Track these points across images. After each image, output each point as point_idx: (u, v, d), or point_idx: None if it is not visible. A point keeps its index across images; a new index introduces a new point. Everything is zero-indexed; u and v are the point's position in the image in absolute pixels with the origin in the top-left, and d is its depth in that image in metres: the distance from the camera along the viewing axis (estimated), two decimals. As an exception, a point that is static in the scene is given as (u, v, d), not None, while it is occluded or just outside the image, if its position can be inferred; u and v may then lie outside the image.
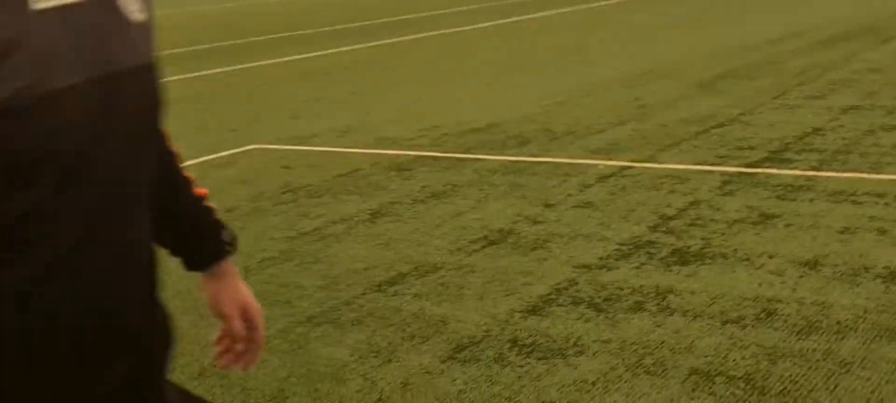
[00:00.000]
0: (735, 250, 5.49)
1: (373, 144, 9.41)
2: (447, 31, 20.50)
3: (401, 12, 26.15)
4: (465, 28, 20.81)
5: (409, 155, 8.77)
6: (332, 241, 6.22)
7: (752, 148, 8.10)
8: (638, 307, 4.73)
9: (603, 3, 25.54)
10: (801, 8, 20.46)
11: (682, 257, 5.43)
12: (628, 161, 7.94)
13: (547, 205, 6.73)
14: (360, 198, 7.28)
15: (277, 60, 17.18)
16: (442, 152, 8.78)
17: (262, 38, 21.74)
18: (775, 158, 7.70)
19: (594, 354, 4.22)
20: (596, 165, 7.87)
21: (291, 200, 7.38)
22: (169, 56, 19.22)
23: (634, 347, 4.26)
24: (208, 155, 9.33)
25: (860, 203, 6.28)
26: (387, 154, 8.89)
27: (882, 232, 5.64)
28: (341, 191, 7.56)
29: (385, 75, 14.65)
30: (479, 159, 8.39)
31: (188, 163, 7.09)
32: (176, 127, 8.49)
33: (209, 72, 16.10)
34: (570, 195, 6.97)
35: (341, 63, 16.34)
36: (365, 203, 7.13)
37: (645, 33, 18.03)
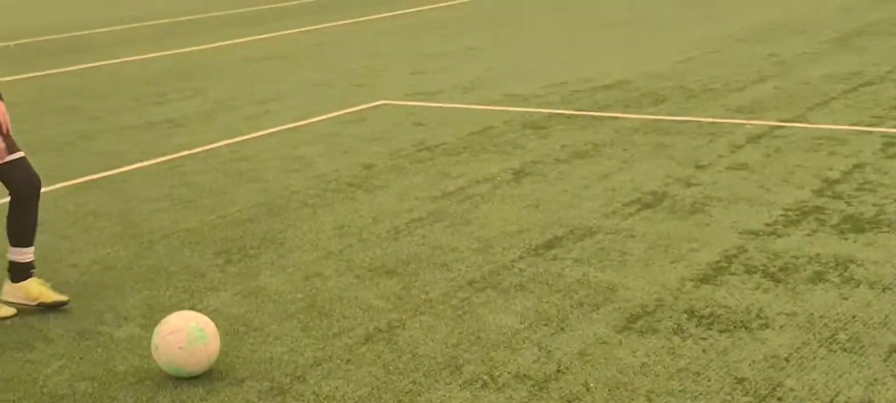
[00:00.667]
0: (919, 217, 5.16)
1: (500, 101, 9.21)
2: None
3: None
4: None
5: (542, 112, 8.55)
6: (478, 202, 6.05)
7: (908, 108, 7.68)
8: (818, 277, 4.47)
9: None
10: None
11: (855, 224, 5.13)
12: (776, 120, 7.61)
13: (698, 167, 6.46)
14: (499, 157, 7.10)
15: (389, 14, 17.04)
16: (576, 110, 8.54)
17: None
18: (937, 119, 7.29)
19: (781, 327, 3.98)
20: (742, 125, 7.55)
21: (429, 158, 7.23)
22: (281, 9, 19.26)
23: (824, 321, 4.01)
24: (337, 110, 9.25)
25: None
26: (517, 111, 8.69)
27: None
28: (479, 149, 7.39)
29: (500, 29, 14.40)
30: (616, 118, 8.13)
31: (319, 119, 7.06)
32: (299, 80, 8.51)
33: (324, 25, 16.03)
34: (720, 156, 6.68)
35: (453, 16, 16.13)
36: (506, 162, 6.95)
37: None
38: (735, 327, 4.01)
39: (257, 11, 19.06)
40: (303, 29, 15.71)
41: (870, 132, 7.05)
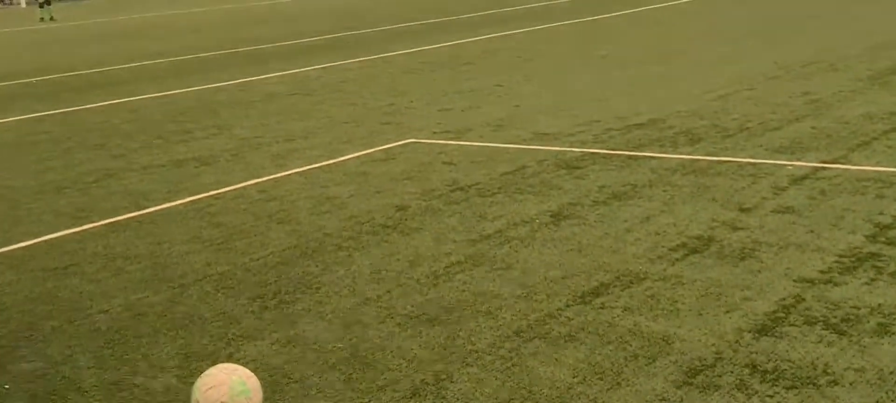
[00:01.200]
0: (975, 266, 4.97)
1: (532, 139, 9.06)
2: (583, 19, 20.01)
3: (528, 2, 25.74)
4: (601, 16, 20.29)
5: (575, 151, 8.39)
6: (517, 245, 5.88)
7: (955, 149, 7.49)
8: (884, 330, 4.27)
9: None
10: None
11: (915, 273, 4.94)
12: (818, 161, 7.42)
13: (742, 210, 6.28)
14: (536, 198, 6.93)
15: (412, 50, 16.95)
16: (610, 149, 8.38)
17: (390, 27, 21.56)
18: (985, 161, 7.09)
19: (851, 384, 3.79)
20: (784, 166, 7.37)
21: (463, 199, 7.07)
22: (304, 46, 19.21)
23: (895, 377, 3.82)
24: (366, 148, 9.11)
25: None
26: (550, 150, 8.53)
27: None
28: (513, 190, 7.23)
29: (527, 67, 14.27)
30: (653, 157, 7.97)
31: (347, 157, 6.88)
32: (325, 118, 8.34)
33: (347, 61, 15.95)
34: (765, 199, 6.50)
35: (478, 53, 16.02)
36: (543, 203, 6.78)
37: (792, 22, 17.26)
38: (802, 383, 3.82)
39: (280, 48, 19.02)
40: (326, 65, 15.62)
41: (917, 174, 6.86)
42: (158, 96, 13.74)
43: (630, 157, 8.03)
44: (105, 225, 7.16)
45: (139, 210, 7.51)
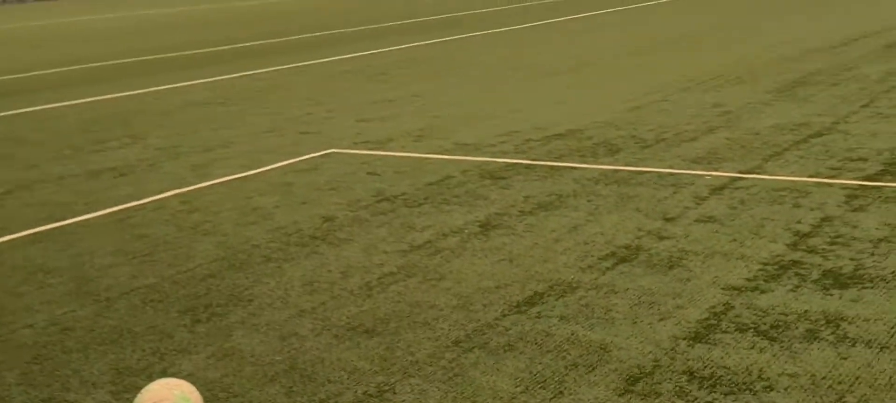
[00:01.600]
0: (893, 272, 5.16)
1: (454, 150, 9.11)
2: (498, 30, 20.18)
3: (447, 11, 25.85)
4: (516, 27, 20.48)
5: (498, 162, 8.46)
6: (449, 256, 5.91)
7: (863, 159, 7.75)
8: (812, 335, 4.41)
9: (651, 2, 25.17)
10: (852, 12, 20.11)
11: (837, 279, 5.11)
12: (735, 172, 7.62)
13: (667, 219, 6.41)
14: (462, 209, 6.97)
15: (329, 59, 16.87)
16: (532, 159, 8.47)
17: (307, 35, 21.43)
18: (893, 171, 7.36)
19: (786, 389, 3.90)
20: (702, 176, 7.55)
21: (390, 209, 7.08)
22: (218, 53, 18.97)
23: (827, 382, 3.94)
24: (288, 158, 9.05)
25: None
26: (473, 160, 8.59)
27: None
28: (440, 200, 7.26)
29: (443, 78, 14.33)
30: (574, 168, 8.08)
31: (269, 167, 6.85)
32: (244, 127, 8.29)
33: (263, 70, 15.80)
34: (687, 208, 6.65)
35: (397, 62, 16.03)
36: (470, 214, 6.83)
37: (700, 35, 17.67)
38: (739, 389, 3.92)
39: (195, 55, 18.75)
40: (242, 74, 15.46)
41: (830, 184, 7.09)
42: (68, 105, 13.43)
43: (552, 168, 8.13)
44: (23, 237, 6.98)
45: (57, 221, 7.34)
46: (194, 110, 12.35)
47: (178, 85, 14.69)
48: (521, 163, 8.35)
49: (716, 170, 7.76)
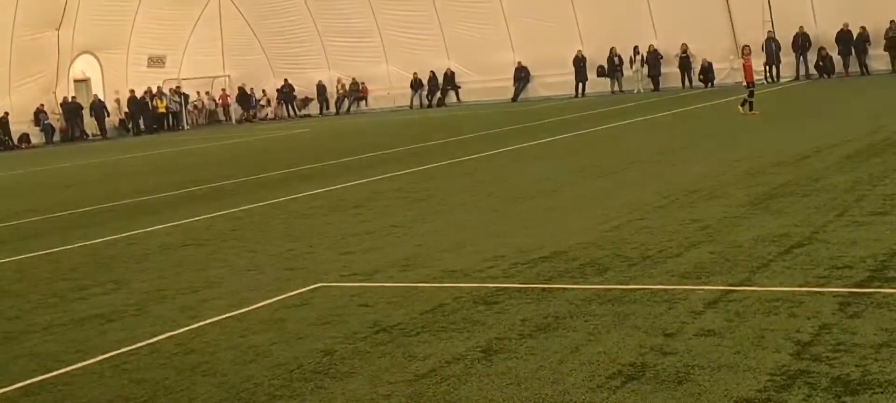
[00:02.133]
0: (900, 376, 5.23)
1: (443, 278, 9.16)
2: (463, 158, 20.43)
3: (410, 142, 26.17)
4: (480, 155, 20.74)
5: (489, 286, 8.52)
6: (455, 383, 5.91)
7: (849, 267, 7.91)
8: (833, 442, 4.44)
9: (611, 125, 25.66)
10: (806, 128, 20.65)
11: (847, 387, 5.17)
12: (725, 285, 7.72)
13: (667, 335, 6.47)
14: (461, 335, 6.99)
15: (301, 195, 16.96)
16: (523, 283, 8.53)
17: (272, 173, 21.56)
18: (880, 277, 7.51)
19: None
20: (694, 290, 7.64)
21: (389, 340, 7.08)
22: (188, 195, 19.01)
23: (857, 488, 3.97)
24: (276, 295, 9.04)
25: None
26: (464, 286, 8.64)
27: None
28: (437, 328, 7.28)
29: (417, 206, 14.44)
30: (566, 289, 8.14)
31: (259, 305, 6.86)
32: (226, 266, 8.32)
33: (237, 209, 15.83)
34: (685, 323, 6.72)
35: (368, 195, 16.14)
36: (470, 340, 6.85)
37: (667, 154, 18.00)
38: None
39: (163, 198, 18.76)
40: (215, 214, 15.47)
41: (821, 293, 7.21)
42: (43, 254, 13.34)
43: (544, 290, 8.20)
44: (13, 391, 6.88)
45: (49, 372, 7.25)
46: (173, 252, 12.33)
47: (152, 228, 14.67)
48: (512, 287, 8.41)
49: (706, 284, 7.86)
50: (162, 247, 12.83)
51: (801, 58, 38.54)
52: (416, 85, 47.71)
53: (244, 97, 51.52)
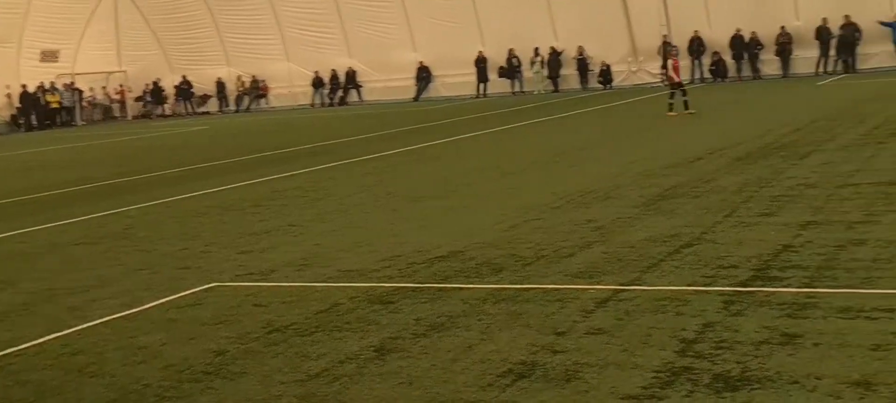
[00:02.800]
0: (778, 372, 5.42)
1: (339, 277, 9.14)
2: (362, 158, 20.40)
3: (309, 142, 26.02)
4: (380, 155, 20.74)
5: (385, 286, 8.53)
6: (347, 383, 5.92)
7: (734, 267, 8.14)
8: (712, 437, 4.58)
9: (511, 125, 25.90)
10: (700, 130, 21.17)
11: (727, 383, 5.33)
12: (616, 284, 7.88)
13: (558, 333, 6.58)
14: (356, 335, 7.00)
15: (198, 193, 16.73)
16: (418, 282, 8.57)
17: (166, 171, 21.23)
18: (762, 276, 7.75)
19: (695, 491, 4.03)
20: (585, 290, 7.78)
21: (282, 340, 7.04)
22: (80, 193, 18.57)
23: (733, 481, 4.10)
24: (169, 295, 8.90)
25: (875, 318, 6.32)
26: (359, 286, 8.63)
27: (917, 347, 5.66)
28: (332, 328, 7.27)
29: (315, 205, 14.36)
30: (461, 288, 8.21)
31: (151, 305, 6.79)
32: (118, 266, 8.21)
33: (130, 208, 15.53)
34: (576, 322, 6.84)
35: (266, 194, 16.00)
36: (364, 339, 6.86)
37: (566, 155, 18.26)
38: None
39: (54, 196, 18.30)
40: (107, 212, 15.15)
41: (707, 291, 7.40)
42: (-74, 251, 12.91)
43: (439, 289, 8.24)
44: None
45: (-71, 373, 7.02)
46: (64, 251, 12.04)
47: (42, 226, 14.31)
48: (408, 287, 8.44)
49: (598, 283, 8.00)
50: (52, 246, 12.53)
51: (697, 61, 39.48)
52: (317, 83, 47.47)
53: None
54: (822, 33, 37.24)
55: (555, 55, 42.00)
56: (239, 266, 10.12)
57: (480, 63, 43.05)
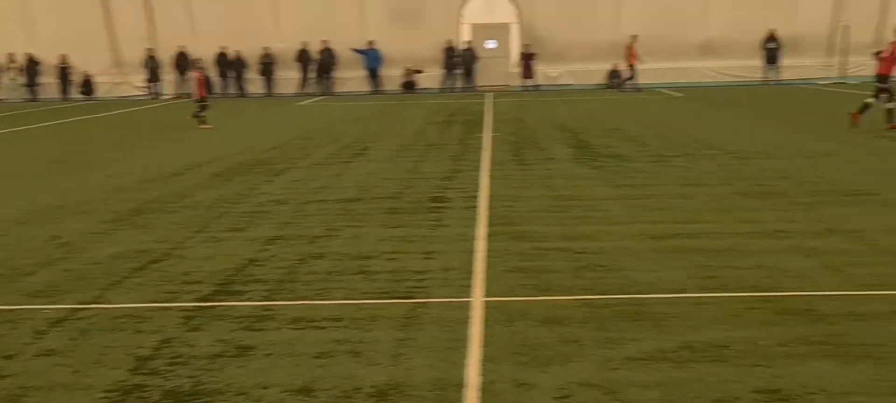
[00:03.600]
0: (228, 384, 5.56)
1: None
2: None
3: None
4: None
5: None
6: None
7: (199, 282, 8.23)
8: (155, 454, 4.59)
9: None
10: (183, 143, 21.23)
11: (178, 398, 5.37)
12: (76, 303, 7.62)
13: (6, 357, 6.22)
14: None
15: None
16: None
17: None
18: (225, 290, 7.92)
19: None
20: (42, 309, 7.43)
21: None
22: None
23: None
24: None
25: (323, 328, 6.72)
26: None
27: (355, 353, 6.09)
28: None
29: None
30: None
31: None
32: None
33: None
34: (26, 344, 6.51)
35: None
36: None
37: (35, 166, 17.33)
38: None
39: None
40: None
41: (168, 308, 7.41)
42: None
43: None
44: None
45: None
46: None
47: None
48: None
49: (56, 302, 7.69)
50: None
51: (183, 78, 39.48)
52: None
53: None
54: (303, 56, 39.13)
55: (32, 62, 39.74)
56: None
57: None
